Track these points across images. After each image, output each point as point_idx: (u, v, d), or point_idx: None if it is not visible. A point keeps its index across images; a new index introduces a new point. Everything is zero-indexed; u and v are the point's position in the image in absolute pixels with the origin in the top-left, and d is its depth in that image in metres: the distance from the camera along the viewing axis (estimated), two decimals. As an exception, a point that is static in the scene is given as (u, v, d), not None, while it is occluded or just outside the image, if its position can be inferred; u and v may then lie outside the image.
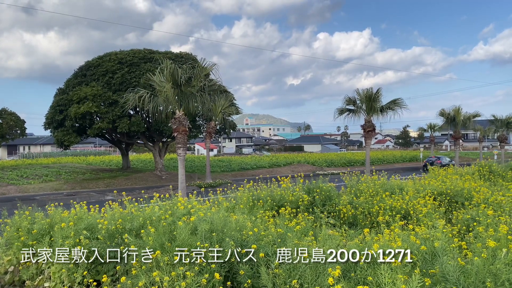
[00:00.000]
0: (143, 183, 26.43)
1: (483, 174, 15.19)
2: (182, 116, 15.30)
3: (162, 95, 15.23)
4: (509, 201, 9.45)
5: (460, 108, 34.96)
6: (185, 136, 15.36)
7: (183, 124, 15.21)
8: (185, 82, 14.74)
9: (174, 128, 15.25)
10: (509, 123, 44.38)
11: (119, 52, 27.72)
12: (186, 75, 14.88)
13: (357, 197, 10.17)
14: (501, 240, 4.87)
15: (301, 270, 4.08)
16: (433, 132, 49.65)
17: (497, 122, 44.15)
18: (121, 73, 25.62)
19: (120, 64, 26.26)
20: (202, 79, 15.85)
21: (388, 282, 3.42)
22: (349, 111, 26.47)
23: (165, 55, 25.24)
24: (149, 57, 26.54)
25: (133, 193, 18.11)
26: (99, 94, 24.42)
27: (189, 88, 14.97)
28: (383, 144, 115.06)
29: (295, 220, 7.70)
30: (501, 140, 44.22)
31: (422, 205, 8.88)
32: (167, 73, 14.79)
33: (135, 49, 28.18)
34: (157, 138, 29.51)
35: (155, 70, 16.75)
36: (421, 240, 4.97)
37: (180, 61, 24.30)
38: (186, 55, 28.38)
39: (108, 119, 24.42)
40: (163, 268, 4.44)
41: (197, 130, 29.54)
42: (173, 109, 15.95)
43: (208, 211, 6.20)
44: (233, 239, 4.96)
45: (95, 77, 26.43)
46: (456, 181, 11.77)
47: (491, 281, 3.45)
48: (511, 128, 46.78)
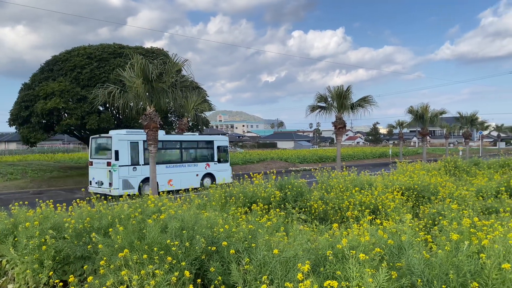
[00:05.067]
0: (114, 180, 25.90)
1: (449, 169, 15.71)
2: (153, 112, 15.06)
3: (133, 91, 14.94)
4: (473, 195, 9.82)
5: (428, 105, 35.93)
6: (156, 133, 15.12)
7: (154, 121, 14.96)
8: (156, 78, 14.49)
9: (145, 124, 14.98)
10: (473, 120, 46.06)
11: (88, 47, 26.99)
12: (157, 70, 14.63)
13: (328, 193, 10.32)
14: (464, 233, 5.06)
15: (271, 265, 4.10)
16: (402, 129, 50.89)
17: (462, 119, 45.74)
18: (90, 68, 24.98)
19: (89, 59, 25.58)
20: (174, 75, 15.64)
21: (356, 276, 3.48)
22: (321, 108, 26.74)
23: (135, 50, 24.76)
24: (119, 52, 25.97)
25: (102, 191, 17.69)
26: (67, 90, 23.72)
27: (160, 84, 14.73)
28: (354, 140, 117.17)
29: (267, 216, 7.74)
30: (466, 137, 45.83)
31: (390, 200, 9.09)
32: (138, 69, 14.51)
33: (104, 44, 27.51)
34: (127, 135, 28.96)
35: (125, 65, 16.38)
36: (388, 234, 5.09)
37: (151, 57, 23.92)
38: (158, 50, 27.94)
39: (77, 116, 23.77)
40: (132, 266, 4.37)
41: (169, 127, 29.15)
42: (144, 105, 15.68)
43: (179, 209, 6.15)
44: (204, 237, 4.94)
45: (62, 72, 25.65)
46: (423, 177, 12.12)
47: (454, 272, 3.57)
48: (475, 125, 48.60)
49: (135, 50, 24.62)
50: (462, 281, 3.56)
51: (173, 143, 21.04)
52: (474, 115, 45.46)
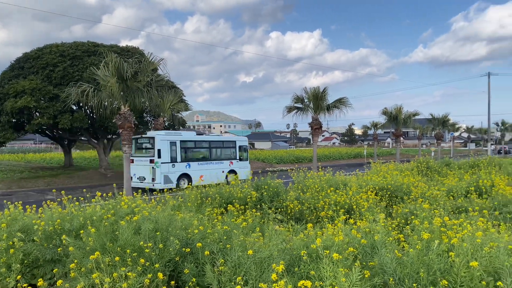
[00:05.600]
0: (87, 181, 25.34)
1: (421, 170, 16.09)
2: (128, 112, 14.81)
3: (107, 90, 14.66)
4: (444, 195, 10.08)
5: (402, 107, 36.70)
6: (130, 133, 14.88)
7: (129, 120, 14.72)
8: (131, 77, 14.27)
9: (119, 124, 14.72)
10: (445, 122, 47.37)
11: (61, 44, 26.31)
12: (132, 69, 14.41)
13: (303, 193, 10.39)
14: (435, 232, 5.18)
15: (246, 266, 4.09)
16: (376, 130, 51.81)
17: (434, 121, 46.98)
18: (62, 66, 24.35)
19: (62, 56, 24.94)
20: (149, 74, 15.45)
21: (330, 276, 3.51)
22: (298, 109, 26.93)
23: (110, 49, 24.29)
24: (93, 50, 25.42)
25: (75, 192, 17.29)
26: (38, 88, 23.05)
27: (135, 83, 14.52)
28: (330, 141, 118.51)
29: (243, 217, 7.73)
30: (438, 138, 47.07)
31: (364, 200, 9.23)
32: (112, 67, 14.25)
33: (78, 42, 26.87)
34: (101, 135, 28.40)
35: (99, 64, 16.05)
36: (362, 233, 5.16)
37: (127, 55, 23.51)
38: (133, 49, 27.50)
39: (49, 115, 23.12)
40: (104, 269, 4.27)
41: (144, 127, 28.73)
42: (119, 105, 15.41)
43: (153, 210, 6.06)
44: (178, 238, 4.89)
45: (34, 70, 24.92)
46: (396, 177, 12.36)
47: (424, 271, 3.64)
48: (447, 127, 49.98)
49: (109, 49, 24.16)
50: (432, 279, 3.63)
51: (203, 143, 23.27)
52: (446, 116, 46.78)
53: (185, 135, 22.36)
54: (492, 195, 9.72)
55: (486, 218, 6.91)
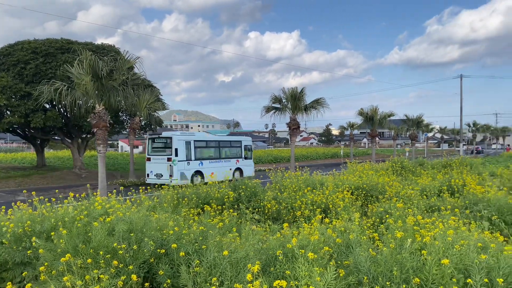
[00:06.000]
0: (61, 182, 24.73)
1: (396, 169, 16.39)
2: (103, 110, 14.52)
3: (81, 88, 14.34)
4: (417, 194, 10.29)
5: (377, 108, 37.31)
6: (105, 132, 14.59)
7: (104, 120, 14.43)
8: (106, 75, 13.98)
9: (94, 123, 14.41)
10: (419, 123, 48.48)
11: (33, 41, 25.56)
12: (107, 67, 14.13)
13: (281, 193, 10.43)
14: (408, 231, 5.27)
15: (222, 267, 4.06)
16: (353, 130, 52.53)
17: (409, 122, 48.00)
18: (35, 64, 23.68)
19: (34, 54, 24.24)
20: (125, 72, 15.19)
21: (305, 275, 3.52)
22: (276, 109, 27.03)
23: (85, 46, 23.74)
24: (68, 48, 24.81)
25: (48, 192, 16.87)
26: (9, 86, 22.34)
27: (111, 82, 14.24)
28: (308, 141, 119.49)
29: (220, 217, 7.69)
30: (412, 138, 48.11)
31: (340, 199, 9.32)
32: (87, 65, 13.94)
33: (51, 39, 26.16)
34: (76, 134, 27.78)
35: (73, 61, 15.65)
36: (338, 233, 5.21)
37: (102, 53, 23.05)
38: (109, 46, 26.99)
39: (20, 113, 22.44)
40: (76, 272, 4.16)
41: (120, 126, 28.26)
42: (93, 104, 15.09)
43: (128, 211, 5.95)
44: (153, 239, 4.81)
45: (4, 67, 24.13)
46: (371, 176, 12.55)
47: (398, 269, 3.70)
48: (421, 127, 51.16)
49: (84, 46, 23.61)
50: (405, 277, 3.69)
51: (213, 142, 24.70)
52: (420, 117, 47.87)
53: (198, 136, 24.13)
54: (464, 194, 9.98)
55: (458, 216, 7.09)
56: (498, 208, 7.69)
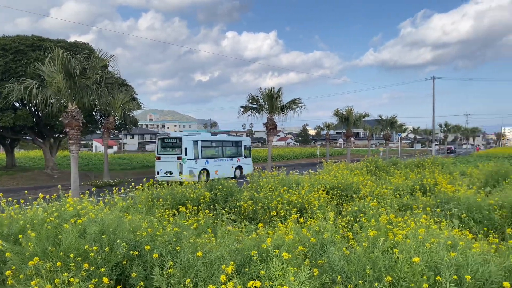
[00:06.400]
0: (31, 182, 24.02)
1: (370, 169, 16.65)
2: (76, 110, 14.17)
3: (53, 86, 13.95)
4: (391, 193, 10.48)
5: (352, 108, 37.90)
6: (78, 132, 14.25)
7: (76, 119, 14.09)
8: (79, 73, 13.66)
9: (66, 123, 14.05)
10: (393, 123, 49.50)
11: (2, 38, 24.72)
12: (80, 65, 13.80)
13: (257, 193, 10.43)
14: (381, 230, 5.35)
15: (196, 268, 4.02)
16: (329, 131, 53.11)
17: (383, 122, 48.95)
18: (4, 61, 22.89)
19: (4, 50, 23.45)
20: (99, 70, 14.87)
21: (280, 275, 3.52)
22: (253, 109, 27.06)
23: (57, 44, 23.15)
24: (39, 45, 24.11)
25: (18, 194, 16.37)
26: (-24, 83, 21.57)
27: (84, 80, 13.92)
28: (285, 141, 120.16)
29: (195, 217, 7.63)
30: (386, 138, 49.07)
31: (316, 198, 9.39)
32: (59, 63, 13.58)
33: (22, 36, 25.36)
34: (47, 134, 27.03)
35: (45, 59, 15.24)
36: (313, 232, 5.24)
37: (75, 51, 22.51)
38: (82, 44, 26.38)
39: (-12, 112, 21.71)
40: (45, 275, 4.04)
41: (94, 126, 27.67)
42: (66, 103, 14.72)
43: (100, 212, 5.82)
44: (126, 241, 4.72)
45: (-29, 64, 23.29)
46: (346, 176, 12.70)
47: (370, 268, 3.75)
48: (394, 128, 52.22)
49: (56, 44, 23.03)
50: (377, 276, 3.74)
51: (217, 142, 26.19)
52: (394, 118, 48.90)
53: (203, 136, 25.67)
54: (435, 193, 10.22)
55: (429, 215, 7.26)
56: (468, 206, 7.90)
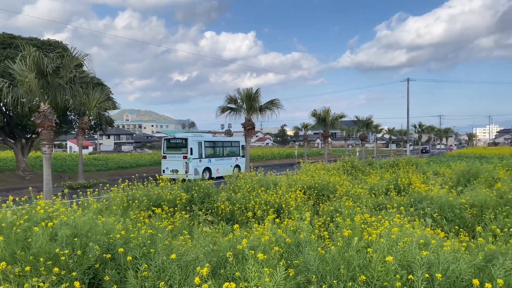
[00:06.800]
0: (2, 184, 23.28)
1: (347, 169, 16.85)
2: (48, 109, 13.79)
3: (25, 85, 13.52)
4: (366, 193, 10.63)
5: (329, 109, 38.28)
6: (51, 132, 13.87)
7: (49, 119, 13.71)
8: (52, 72, 13.29)
9: (39, 123, 13.65)
10: (368, 124, 50.27)
11: (-29, 35, 23.93)
12: (53, 64, 13.43)
13: (235, 193, 10.39)
14: (356, 229, 5.41)
15: (171, 271, 3.97)
16: (307, 131, 53.54)
17: (359, 123, 49.66)
18: (-27, 59, 22.17)
19: (-28, 48, 22.70)
20: (73, 69, 14.50)
21: (255, 276, 3.51)
22: (231, 110, 26.96)
23: (29, 42, 22.54)
24: (10, 43, 23.42)
25: (-13, 196, 15.82)
26: None
27: (57, 79, 13.54)
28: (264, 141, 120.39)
29: (172, 219, 7.54)
30: (362, 139, 49.79)
31: (293, 199, 9.43)
32: (31, 62, 13.17)
33: (-9, 33, 24.62)
34: (19, 134, 26.25)
35: (16, 57, 14.79)
36: (289, 232, 5.25)
37: (48, 49, 21.98)
38: (56, 43, 25.74)
39: (-44, 111, 20.93)
40: (13, 280, 3.92)
41: (68, 126, 27.04)
42: (38, 102, 14.30)
43: (73, 215, 5.68)
44: (99, 244, 4.62)
45: None
46: (323, 176, 12.82)
47: (345, 267, 3.78)
48: (370, 128, 53.08)
49: (28, 41, 22.42)
50: (352, 275, 3.78)
51: (218, 143, 28.26)
52: (370, 119, 49.68)
53: (206, 137, 27.57)
54: (409, 193, 10.42)
55: (403, 214, 7.40)
56: (440, 205, 8.09)
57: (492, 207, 7.76)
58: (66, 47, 24.29)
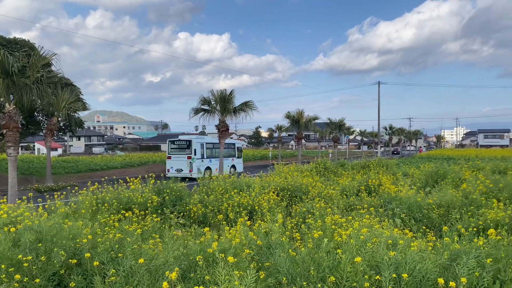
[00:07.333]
0: (-37, 188, 22.32)
1: (320, 170, 17.03)
2: (13, 110, 13.32)
3: (-12, 85, 13.04)
4: (338, 194, 10.77)
5: (303, 111, 38.67)
6: (17, 134, 13.40)
7: (14, 120, 13.25)
8: (18, 72, 12.86)
9: (3, 124, 13.17)
10: (341, 126, 51.04)
11: None
12: (19, 63, 13.01)
13: (208, 196, 10.32)
14: (327, 230, 5.47)
15: (139, 275, 3.88)
16: (281, 133, 53.90)
17: (332, 125, 50.36)
18: None
19: None
20: (40, 69, 14.07)
21: (225, 279, 3.48)
22: (204, 111, 26.81)
23: (-7, 40, 21.77)
24: (-27, 41, 22.55)
25: None
26: None
27: (23, 79, 13.11)
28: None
29: (143, 222, 7.41)
30: (334, 141, 50.47)
31: (266, 200, 9.44)
32: (-5, 60, 12.71)
33: (-48, 30, 23.63)
34: (-18, 136, 25.28)
35: (-21, 55, 14.23)
36: (261, 234, 5.25)
37: (14, 48, 21.24)
38: (22, 41, 24.91)
39: None
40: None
41: (35, 127, 26.21)
42: (3, 103, 13.82)
43: (38, 219, 5.49)
44: (65, 249, 4.48)
45: None
46: (296, 177, 12.91)
47: (315, 269, 3.80)
48: (343, 130, 53.88)
49: (-7, 39, 21.64)
50: (322, 276, 3.81)
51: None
52: (342, 121, 50.45)
53: (206, 139, 29.94)
54: (380, 193, 10.63)
55: (373, 214, 7.53)
56: (409, 206, 8.27)
57: (458, 207, 7.99)
58: (34, 46, 23.55)
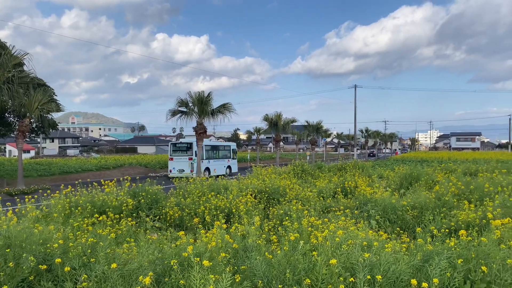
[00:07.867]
0: None
1: (297, 172, 17.12)
2: (-17, 111, 12.93)
3: (-45, 85, 12.59)
4: (315, 196, 10.85)
5: (281, 114, 38.90)
6: (-14, 135, 13.00)
7: (-17, 121, 12.85)
8: (-12, 72, 12.49)
9: (-28, 125, 12.76)
10: (318, 129, 51.53)
11: None
12: (-11, 63, 12.63)
13: (185, 199, 10.21)
14: (303, 232, 5.48)
15: (112, 280, 3.80)
16: (259, 135, 53.93)
17: (309, 128, 50.78)
18: None
19: None
20: (11, 69, 13.68)
21: (200, 284, 3.44)
22: (182, 113, 26.62)
23: (-38, 38, 20.99)
24: None
25: None
26: None
27: (-7, 79, 12.75)
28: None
29: (118, 226, 7.26)
30: (312, 143, 50.94)
31: (243, 203, 9.41)
32: (-37, 59, 12.30)
33: None
34: (-50, 137, 24.36)
35: None
36: (238, 237, 5.22)
37: (-16, 47, 20.58)
38: (-7, 40, 24.19)
39: None
40: None
41: (6, 129, 25.39)
42: (-29, 103, 13.35)
43: (7, 223, 5.31)
44: (34, 254, 4.34)
45: None
46: (274, 180, 12.92)
47: (290, 271, 3.80)
48: (320, 133, 54.40)
49: (-39, 38, 20.86)
50: (297, 279, 3.81)
51: (215, 147, 32.95)
52: (319, 124, 50.94)
53: (206, 141, 30.77)
54: (356, 195, 10.75)
55: (349, 216, 7.60)
56: (384, 207, 8.40)
57: (431, 208, 8.16)
58: (5, 45, 22.83)
